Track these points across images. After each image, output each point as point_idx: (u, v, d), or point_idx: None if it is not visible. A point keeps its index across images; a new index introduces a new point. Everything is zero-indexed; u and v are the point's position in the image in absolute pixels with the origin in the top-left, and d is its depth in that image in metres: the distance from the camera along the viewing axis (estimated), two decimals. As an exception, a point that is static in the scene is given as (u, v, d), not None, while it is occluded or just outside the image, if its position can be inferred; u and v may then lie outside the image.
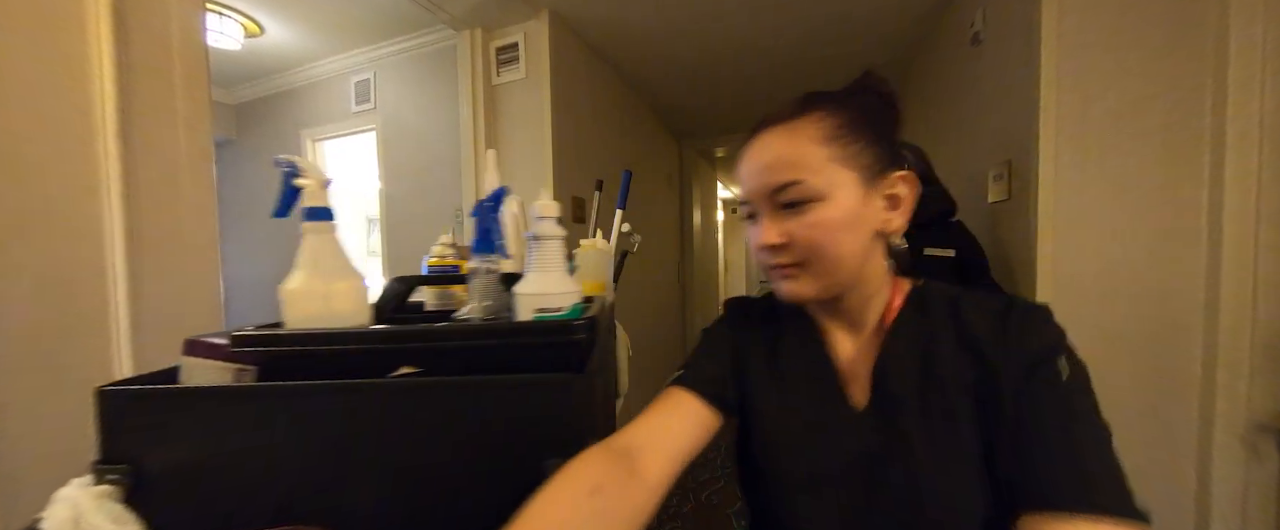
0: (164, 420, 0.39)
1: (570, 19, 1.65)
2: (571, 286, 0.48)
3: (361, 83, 1.97)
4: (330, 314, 0.44)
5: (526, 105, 1.60)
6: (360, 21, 1.76)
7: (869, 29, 1.77)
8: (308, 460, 0.39)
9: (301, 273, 0.44)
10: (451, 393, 0.39)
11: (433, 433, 0.39)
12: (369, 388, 0.39)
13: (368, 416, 0.39)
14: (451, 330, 0.43)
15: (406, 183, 1.91)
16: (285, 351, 0.42)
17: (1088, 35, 0.98)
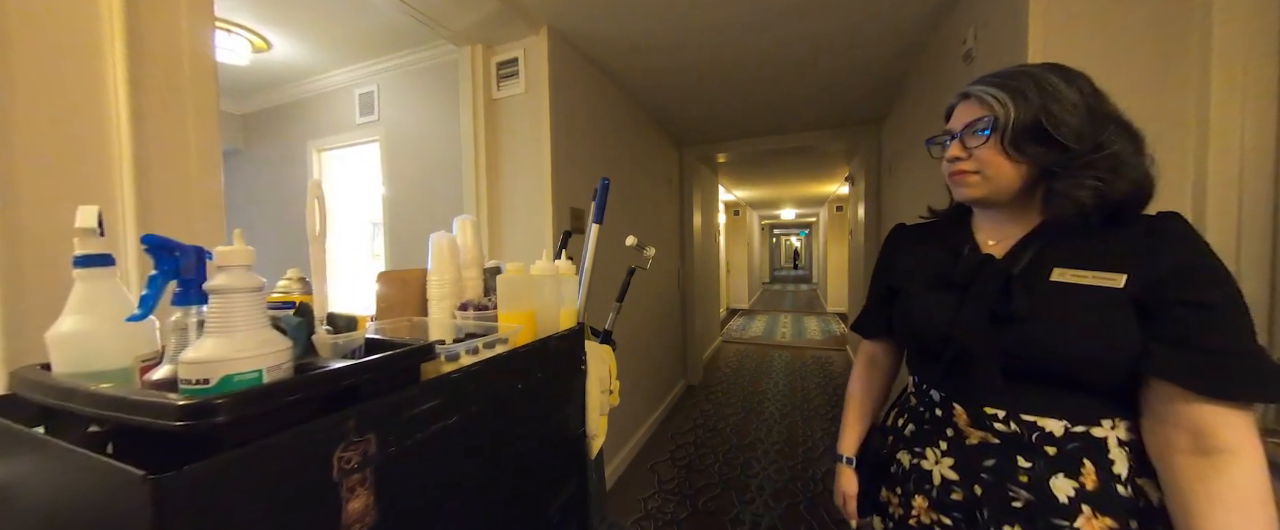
0: None
1: (569, 34, 1.68)
2: (250, 348, 0.38)
3: (366, 95, 2.01)
4: (90, 358, 0.43)
5: (526, 118, 1.63)
6: (365, 37, 1.80)
7: (865, 43, 1.79)
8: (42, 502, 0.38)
9: (69, 317, 0.43)
10: (54, 460, 0.35)
11: (76, 501, 0.34)
12: (33, 440, 0.37)
13: (28, 468, 0.38)
14: (76, 393, 0.37)
15: (409, 192, 1.95)
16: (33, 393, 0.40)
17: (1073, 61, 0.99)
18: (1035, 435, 0.53)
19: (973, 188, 0.58)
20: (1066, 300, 0.51)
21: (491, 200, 1.68)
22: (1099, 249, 0.52)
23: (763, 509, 1.89)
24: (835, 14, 1.56)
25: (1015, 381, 0.54)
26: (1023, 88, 0.53)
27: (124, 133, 0.72)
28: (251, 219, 2.37)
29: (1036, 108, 0.52)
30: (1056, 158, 0.52)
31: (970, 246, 0.62)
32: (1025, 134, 0.53)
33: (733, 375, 3.89)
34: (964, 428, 0.58)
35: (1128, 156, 0.51)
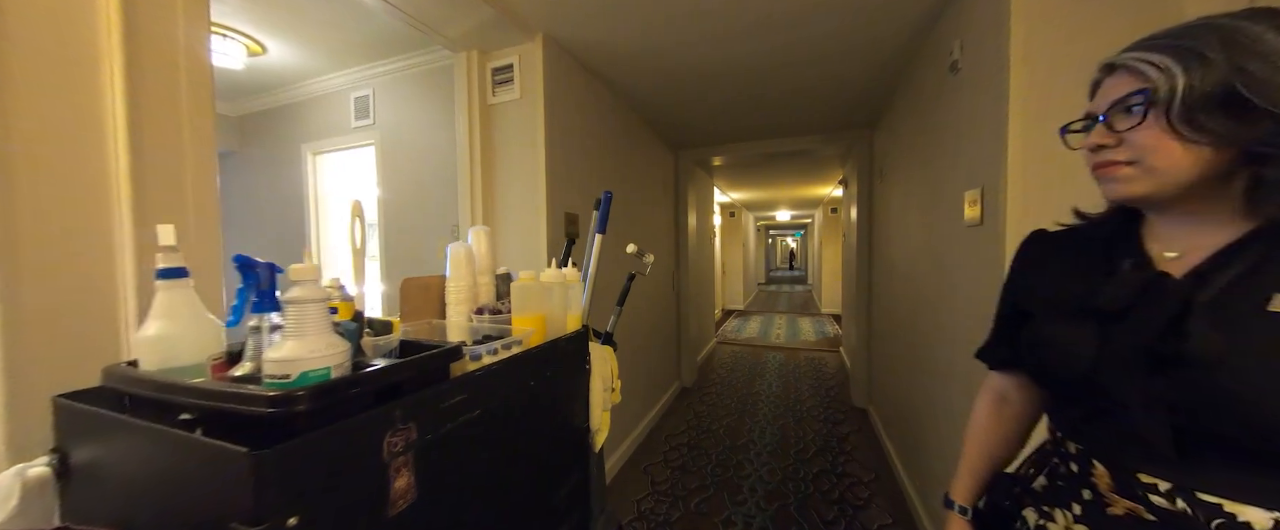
0: (75, 427, 0.50)
1: (564, 41, 1.70)
2: (319, 350, 0.46)
3: (361, 99, 2.02)
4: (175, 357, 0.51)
5: (521, 124, 1.65)
6: (360, 42, 1.81)
7: (855, 53, 1.82)
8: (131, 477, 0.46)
9: (155, 322, 0.51)
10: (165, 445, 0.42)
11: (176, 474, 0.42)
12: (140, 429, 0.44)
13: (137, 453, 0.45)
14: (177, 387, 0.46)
15: (404, 195, 1.96)
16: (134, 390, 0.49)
17: (1053, 73, 1.03)
18: (1217, 522, 0.39)
19: (1126, 183, 0.44)
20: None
21: (487, 205, 1.69)
22: None
23: (754, 510, 1.92)
24: (825, 23, 1.59)
25: (1191, 446, 0.41)
26: (1199, 46, 0.40)
27: (121, 137, 0.73)
28: (246, 220, 2.37)
29: (1223, 70, 0.38)
30: (1264, 133, 0.38)
31: (1134, 261, 0.48)
32: (1208, 105, 0.39)
33: (727, 377, 3.91)
34: (1105, 493, 0.46)
35: None
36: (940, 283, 1.57)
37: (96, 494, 0.49)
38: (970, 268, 1.30)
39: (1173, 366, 0.40)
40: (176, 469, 0.41)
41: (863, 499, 1.98)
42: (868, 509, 1.91)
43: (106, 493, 0.48)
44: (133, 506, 0.45)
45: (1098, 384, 0.45)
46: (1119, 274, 0.47)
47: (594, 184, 2.02)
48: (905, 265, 2.10)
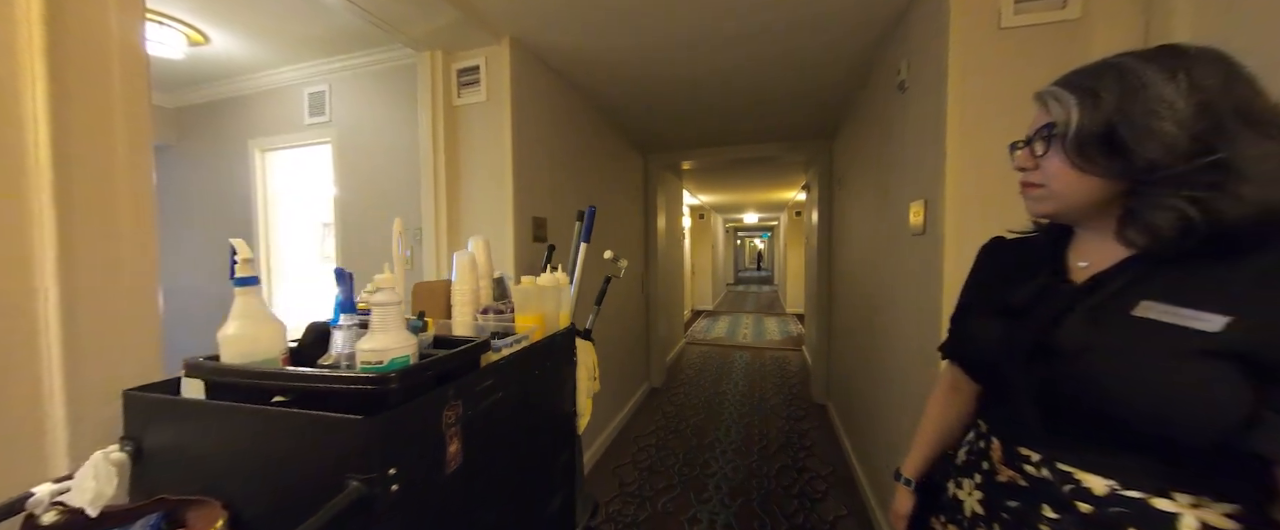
0: (154, 416, 0.59)
1: (531, 45, 1.69)
2: (400, 343, 0.60)
3: (316, 95, 1.93)
4: (251, 352, 0.61)
5: (487, 127, 1.63)
6: (315, 36, 1.73)
7: (814, 69, 1.91)
8: (226, 453, 0.55)
9: (234, 322, 0.62)
10: (283, 420, 0.52)
11: (284, 445, 0.52)
12: (248, 411, 0.54)
13: (247, 430, 0.54)
14: (298, 376, 0.58)
15: (363, 196, 1.89)
16: (212, 378, 0.60)
17: (985, 95, 1.12)
18: (1068, 488, 0.46)
19: (1038, 201, 0.51)
20: (1142, 339, 0.42)
21: (452, 208, 1.66)
22: (1213, 281, 0.41)
23: (718, 507, 1.97)
24: (783, 40, 1.66)
25: (1059, 425, 0.48)
26: (1098, 86, 0.44)
27: (41, 128, 0.67)
28: (184, 218, 2.21)
29: (1110, 110, 0.43)
30: (1138, 171, 0.42)
31: (1052, 268, 0.54)
32: (1093, 141, 0.44)
33: (695, 377, 3.99)
34: (997, 464, 0.54)
35: (1249, 169, 0.39)
36: (890, 286, 1.68)
37: (168, 470, 0.57)
38: (915, 273, 1.40)
39: (1049, 356, 0.46)
40: (284, 440, 0.52)
41: (821, 492, 2.08)
42: (825, 501, 2.01)
43: (180, 467, 0.56)
44: (218, 475, 0.54)
45: (999, 371, 0.53)
46: (1029, 281, 0.54)
47: (563, 188, 2.02)
48: (860, 268, 2.22)
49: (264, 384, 0.57)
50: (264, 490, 0.53)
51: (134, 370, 0.77)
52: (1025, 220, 0.62)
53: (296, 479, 0.51)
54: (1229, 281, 0.40)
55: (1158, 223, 0.42)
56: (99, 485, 0.50)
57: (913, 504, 0.72)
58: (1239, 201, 0.39)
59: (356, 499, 0.48)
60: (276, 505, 0.52)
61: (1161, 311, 0.42)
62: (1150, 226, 0.43)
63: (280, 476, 0.52)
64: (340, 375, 0.56)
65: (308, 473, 0.50)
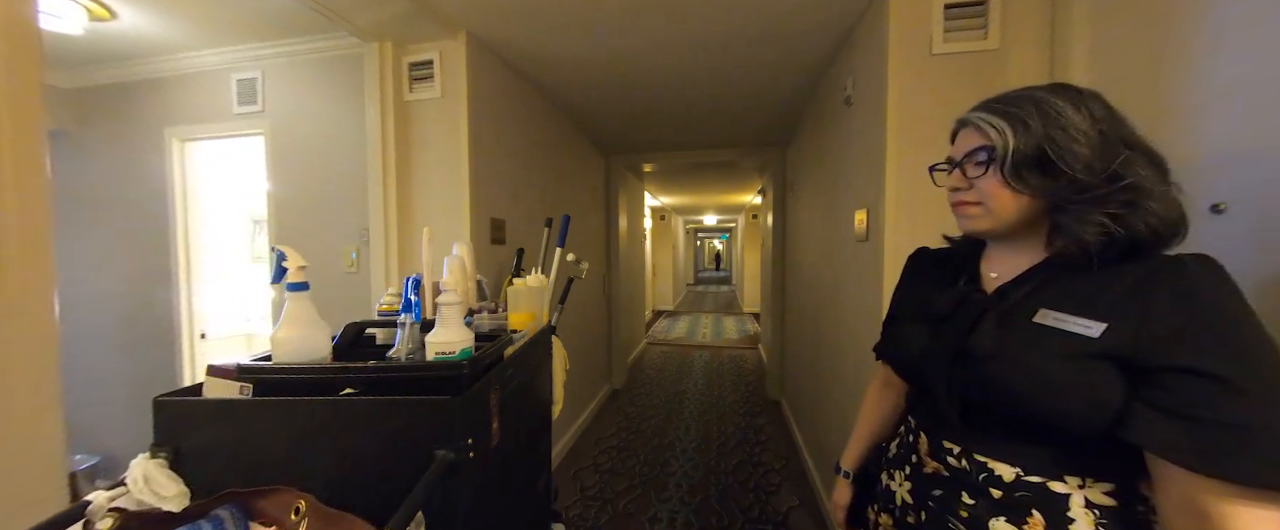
0: (197, 419, 0.62)
1: (490, 41, 1.64)
2: (465, 335, 0.71)
3: (246, 81, 1.77)
4: (302, 352, 0.69)
5: (442, 125, 1.56)
6: (245, 19, 1.58)
7: (770, 80, 1.99)
8: (285, 445, 0.61)
9: (287, 324, 0.69)
10: (367, 406, 0.60)
11: (363, 429, 0.60)
12: (321, 402, 0.61)
13: (322, 419, 0.61)
14: (376, 366, 0.66)
15: (301, 193, 1.76)
16: (271, 377, 0.66)
17: (919, 114, 1.23)
18: (982, 476, 0.51)
19: (975, 219, 0.55)
20: (1039, 344, 0.47)
21: (402, 208, 1.58)
22: (1096, 290, 0.46)
23: (678, 505, 2.01)
24: (741, 52, 1.72)
25: (974, 420, 0.53)
26: (1024, 114, 0.49)
27: None
28: (86, 216, 1.95)
29: (1039, 135, 0.48)
30: (1063, 190, 0.48)
31: (967, 278, 0.60)
32: (1027, 164, 0.49)
33: (656, 377, 4.03)
34: (923, 456, 0.59)
35: (1150, 188, 0.45)
36: (836, 287, 1.78)
37: (216, 469, 0.61)
38: (858, 276, 1.50)
39: (965, 359, 0.52)
40: (362, 425, 0.60)
41: (775, 485, 2.17)
42: (779, 493, 2.10)
43: (228, 465, 0.61)
44: (279, 466, 0.60)
45: (924, 372, 0.58)
46: (954, 289, 0.59)
47: (523, 188, 1.98)
48: (810, 270, 2.34)
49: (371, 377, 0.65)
50: (336, 472, 0.59)
51: (23, 400, 0.67)
52: (955, 229, 0.67)
53: (376, 458, 0.59)
54: (1108, 291, 0.45)
55: (1086, 237, 0.46)
56: (172, 485, 0.56)
57: (850, 494, 0.77)
58: (1147, 217, 0.45)
59: (448, 466, 0.57)
60: (348, 483, 0.59)
61: (1054, 319, 0.47)
62: (1079, 240, 0.47)
63: (356, 458, 0.59)
64: (435, 363, 0.66)
65: (388, 451, 0.59)
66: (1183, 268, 0.43)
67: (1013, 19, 1.16)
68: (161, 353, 1.92)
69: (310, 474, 0.60)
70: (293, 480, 0.58)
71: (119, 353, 1.93)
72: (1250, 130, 0.70)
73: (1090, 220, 0.46)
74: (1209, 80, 0.77)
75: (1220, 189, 0.74)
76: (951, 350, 0.53)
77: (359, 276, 1.68)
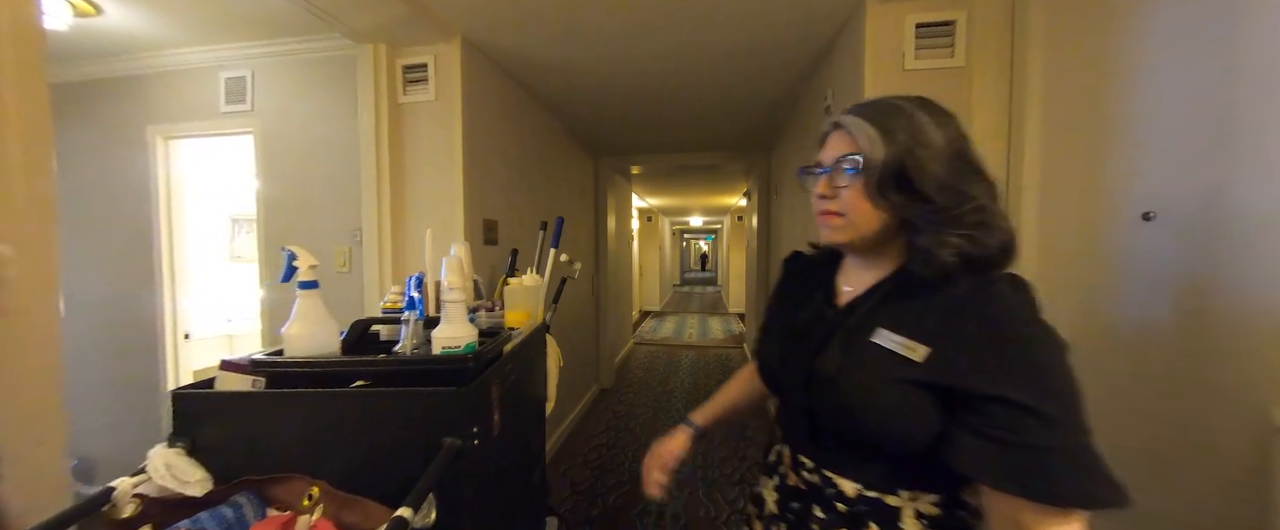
0: (210, 412, 0.66)
1: (483, 46, 1.67)
2: (469, 331, 0.74)
3: (235, 80, 1.76)
4: (313, 348, 0.72)
5: (436, 127, 1.59)
6: (235, 18, 1.58)
7: (755, 88, 2.07)
8: (298, 435, 0.65)
9: (297, 322, 0.73)
10: (380, 397, 0.65)
11: (375, 419, 0.65)
12: (335, 393, 0.66)
13: (335, 410, 0.65)
14: (386, 361, 0.72)
15: (291, 193, 1.75)
16: (285, 370, 0.70)
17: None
18: (830, 491, 0.53)
19: (837, 231, 0.53)
20: (874, 365, 0.47)
21: (396, 209, 1.60)
22: (923, 311, 0.47)
23: (667, 498, 2.07)
24: (728, 61, 1.79)
25: (823, 437, 0.54)
26: (893, 125, 0.47)
27: None
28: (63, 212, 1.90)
29: (903, 150, 0.46)
30: (920, 208, 0.47)
31: (824, 292, 0.59)
32: (890, 178, 0.47)
33: (643, 376, 4.09)
34: (787, 467, 0.60)
35: (993, 209, 0.47)
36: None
37: (232, 459, 0.64)
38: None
39: (814, 378, 0.52)
40: (374, 415, 0.64)
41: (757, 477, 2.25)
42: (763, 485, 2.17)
43: (243, 455, 0.64)
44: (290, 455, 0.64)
45: (781, 387, 0.60)
46: (809, 303, 0.59)
47: (515, 190, 2.01)
48: (794, 272, 2.42)
49: (382, 371, 0.71)
50: (348, 460, 0.63)
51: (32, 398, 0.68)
52: None
53: (387, 445, 0.63)
54: (931, 314, 0.46)
55: (943, 257, 0.46)
56: (195, 471, 0.60)
57: (686, 448, 0.74)
58: (1000, 235, 0.46)
59: (455, 452, 0.61)
60: (360, 470, 0.63)
61: (888, 339, 0.47)
62: (935, 261, 0.46)
63: (367, 446, 0.64)
64: (442, 356, 0.71)
65: (399, 439, 0.63)
66: (994, 292, 0.45)
67: (977, 40, 1.25)
68: (144, 353, 1.89)
69: (323, 462, 0.64)
70: (305, 468, 0.62)
71: (100, 354, 1.89)
72: (1176, 144, 0.79)
73: (946, 241, 0.46)
74: (1142, 100, 0.86)
75: (1150, 199, 0.83)
76: (803, 369, 0.53)
77: (351, 276, 1.68)
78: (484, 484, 0.73)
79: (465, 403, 0.65)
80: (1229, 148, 0.70)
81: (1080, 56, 1.02)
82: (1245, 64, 0.68)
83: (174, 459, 0.59)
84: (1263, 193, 0.65)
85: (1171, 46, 0.81)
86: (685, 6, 1.41)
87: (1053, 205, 1.09)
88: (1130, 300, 0.87)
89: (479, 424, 0.68)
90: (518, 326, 1.10)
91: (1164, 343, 0.80)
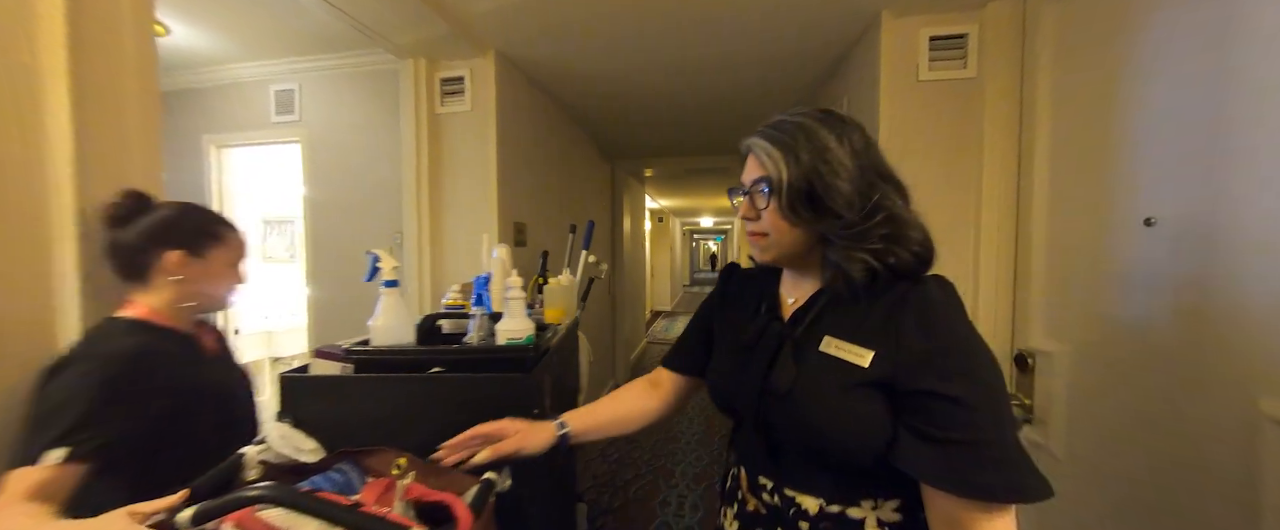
0: (310, 393, 0.77)
1: (515, 59, 1.77)
2: (529, 325, 0.83)
3: (284, 93, 1.88)
4: (394, 338, 0.84)
5: (471, 136, 1.69)
6: (288, 35, 1.70)
7: (769, 95, 2.14)
8: (382, 413, 0.76)
9: (382, 314, 0.85)
10: (456, 381, 0.76)
11: (448, 400, 0.74)
12: (413, 378, 0.77)
13: (415, 391, 0.76)
14: (459, 349, 0.84)
15: (335, 198, 1.87)
16: (370, 357, 0.81)
17: (907, 132, 1.38)
18: (793, 510, 0.51)
19: (763, 250, 0.54)
20: (825, 374, 0.47)
21: (434, 212, 1.70)
22: (863, 317, 0.48)
23: (686, 490, 2.15)
24: (745, 70, 1.87)
25: (782, 454, 0.52)
26: (795, 145, 0.48)
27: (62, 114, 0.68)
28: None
29: (807, 169, 0.47)
30: (830, 225, 0.48)
31: (768, 304, 0.58)
32: (798, 197, 0.48)
33: (657, 374, 4.16)
34: (745, 492, 0.57)
35: (906, 216, 0.48)
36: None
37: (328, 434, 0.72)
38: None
39: (769, 394, 0.51)
40: (452, 397, 0.75)
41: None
42: (778, 480, 2.24)
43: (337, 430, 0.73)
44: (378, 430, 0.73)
45: (735, 407, 0.58)
46: (755, 317, 0.58)
47: (541, 193, 2.11)
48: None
49: (456, 358, 0.81)
50: (425, 435, 0.69)
51: None
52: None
53: (459, 423, 0.67)
54: (870, 318, 0.47)
55: (852, 272, 0.47)
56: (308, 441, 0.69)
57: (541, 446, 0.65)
58: (912, 245, 0.47)
59: None
60: (435, 444, 0.67)
61: (837, 347, 0.48)
62: (846, 276, 0.47)
63: (442, 423, 0.69)
64: (507, 346, 0.81)
65: (469, 418, 0.68)
66: (925, 293, 0.46)
67: (988, 51, 1.31)
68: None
69: (404, 437, 0.72)
70: (389, 442, 0.71)
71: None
72: (1176, 151, 0.85)
73: (854, 257, 0.46)
74: (1146, 110, 0.92)
75: (1152, 204, 0.89)
76: (756, 385, 0.52)
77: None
78: (538, 462, 0.82)
79: (527, 387, 0.75)
80: (1225, 157, 0.76)
81: (1088, 68, 1.08)
82: (1239, 78, 0.74)
83: (288, 431, 0.69)
84: (1255, 199, 0.71)
85: (1172, 60, 0.86)
86: (710, 20, 1.49)
87: (1061, 209, 1.15)
88: (1132, 300, 0.93)
89: (537, 406, 0.77)
90: (556, 323, 1.19)
91: (1163, 339, 0.86)
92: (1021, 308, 1.26)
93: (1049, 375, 1.10)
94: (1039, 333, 1.17)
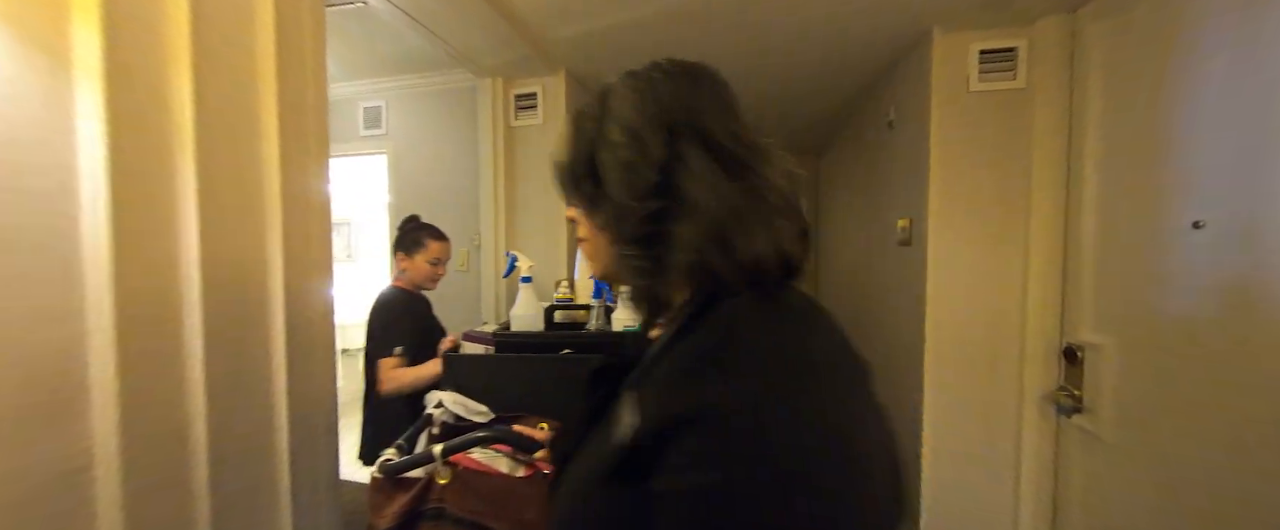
0: (468, 368, 1.00)
1: (582, 76, 1.93)
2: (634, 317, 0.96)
3: (372, 109, 2.09)
4: (530, 325, 1.11)
5: (543, 148, 1.86)
6: (380, 58, 1.90)
7: (812, 100, 2.24)
8: (523, 387, 0.96)
9: (521, 305, 1.11)
10: (583, 360, 0.92)
11: (575, 377, 0.89)
12: (549, 357, 0.98)
13: (549, 369, 0.95)
14: (586, 334, 1.04)
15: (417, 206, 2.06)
16: (511, 340, 1.06)
17: (959, 140, 1.47)
18: None
19: (590, 263, 0.41)
20: None
21: (509, 219, 1.88)
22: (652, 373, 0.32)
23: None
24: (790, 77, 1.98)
25: None
26: (589, 112, 0.36)
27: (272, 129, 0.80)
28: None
29: (588, 145, 0.34)
30: (609, 220, 0.34)
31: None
32: (578, 181, 0.35)
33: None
34: None
35: (700, 201, 0.30)
36: (876, 287, 2.02)
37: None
38: (901, 277, 1.74)
39: None
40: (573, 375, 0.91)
41: None
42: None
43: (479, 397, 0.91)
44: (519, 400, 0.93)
45: None
46: None
47: (596, 198, 2.26)
48: (848, 271, 2.57)
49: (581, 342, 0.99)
50: (555, 407, 0.86)
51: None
52: (985, 237, 0.89)
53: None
54: (650, 378, 0.31)
55: (631, 294, 0.33)
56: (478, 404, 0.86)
57: None
58: (686, 254, 0.30)
59: None
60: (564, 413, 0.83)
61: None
62: (631, 299, 0.34)
63: (568, 396, 0.85)
64: (624, 332, 0.99)
65: None
66: (718, 314, 0.30)
67: (1038, 63, 1.39)
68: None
69: (541, 407, 0.90)
70: (528, 410, 0.89)
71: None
72: (1224, 157, 0.92)
73: (626, 266, 0.32)
74: (1194, 117, 1.00)
75: (1200, 208, 0.97)
76: None
77: (469, 275, 1.98)
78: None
79: None
80: (1274, 161, 0.83)
81: (1137, 77, 1.15)
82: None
83: (458, 397, 0.86)
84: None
85: (1220, 69, 0.93)
86: (767, 33, 1.61)
87: (1109, 212, 1.23)
88: (1180, 299, 1.01)
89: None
90: (630, 318, 1.37)
91: (1210, 336, 0.94)
92: (1071, 304, 1.34)
93: (1098, 367, 1.19)
94: (1088, 327, 1.26)
